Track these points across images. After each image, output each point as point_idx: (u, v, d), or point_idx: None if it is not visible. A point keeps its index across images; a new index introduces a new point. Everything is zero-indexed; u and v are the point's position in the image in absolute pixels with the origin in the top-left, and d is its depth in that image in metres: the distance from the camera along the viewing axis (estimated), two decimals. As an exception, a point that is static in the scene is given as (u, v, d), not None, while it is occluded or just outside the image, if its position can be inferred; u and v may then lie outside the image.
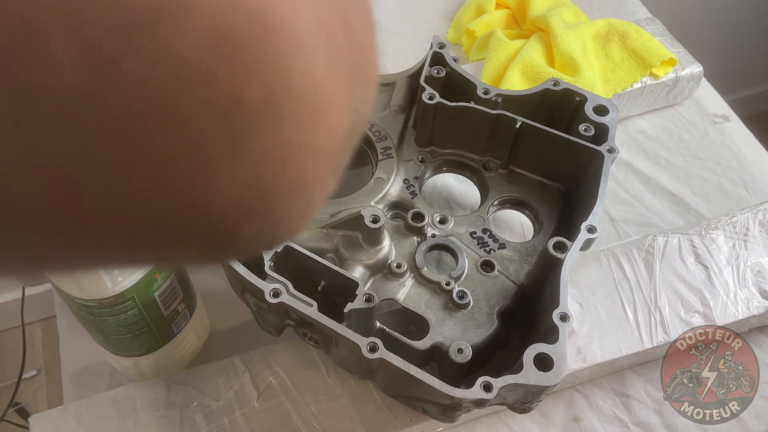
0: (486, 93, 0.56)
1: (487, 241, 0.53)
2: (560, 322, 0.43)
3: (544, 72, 0.71)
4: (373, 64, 0.17)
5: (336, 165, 0.16)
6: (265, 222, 0.15)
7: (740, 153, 0.73)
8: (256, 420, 0.51)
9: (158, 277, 0.46)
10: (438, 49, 0.58)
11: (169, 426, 0.51)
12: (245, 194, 0.14)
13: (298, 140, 0.14)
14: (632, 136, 0.75)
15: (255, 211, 0.14)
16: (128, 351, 0.51)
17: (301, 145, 0.14)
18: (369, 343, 0.42)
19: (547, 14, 0.76)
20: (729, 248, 0.59)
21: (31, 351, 1.45)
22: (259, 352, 0.54)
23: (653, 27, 0.78)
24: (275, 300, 0.44)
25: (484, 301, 0.49)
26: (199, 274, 0.58)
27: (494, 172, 0.57)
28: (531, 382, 0.41)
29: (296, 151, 0.14)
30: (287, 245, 0.47)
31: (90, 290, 0.43)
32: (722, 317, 0.55)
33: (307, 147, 0.14)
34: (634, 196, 0.70)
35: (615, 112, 0.55)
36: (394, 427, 0.50)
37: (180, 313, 0.52)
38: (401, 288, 0.49)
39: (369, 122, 0.59)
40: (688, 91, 0.76)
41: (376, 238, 0.49)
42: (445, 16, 0.89)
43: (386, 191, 0.55)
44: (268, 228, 0.15)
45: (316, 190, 0.16)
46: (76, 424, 0.50)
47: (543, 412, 0.56)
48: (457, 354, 0.44)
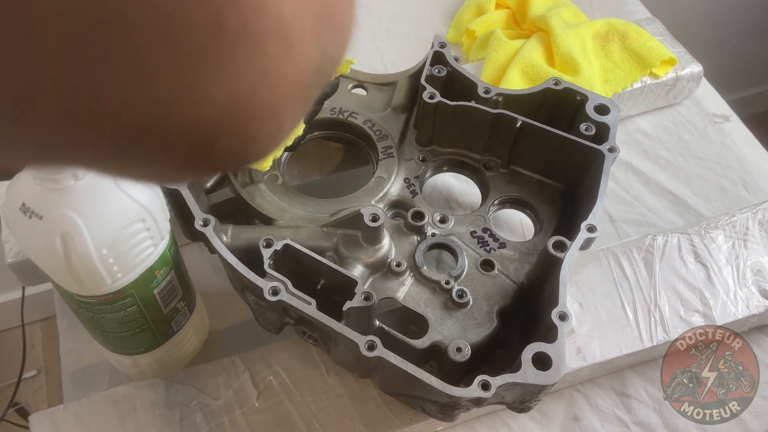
0: (487, 92, 0.56)
1: (487, 241, 0.53)
2: (559, 322, 0.43)
3: (543, 72, 0.71)
4: (343, 10, 0.19)
5: (304, 96, 0.18)
6: (238, 139, 0.17)
7: (740, 153, 0.73)
8: (255, 419, 0.51)
9: (158, 274, 0.46)
10: (439, 49, 0.58)
11: (169, 425, 0.51)
12: (223, 110, 0.16)
13: (269, 67, 0.16)
14: (632, 136, 0.75)
15: (230, 127, 0.17)
16: (128, 349, 0.51)
17: (272, 73, 0.16)
18: (367, 341, 0.42)
19: (547, 14, 0.76)
20: (729, 248, 0.59)
21: (31, 351, 1.45)
22: (259, 352, 0.54)
23: (653, 27, 0.78)
24: (274, 298, 0.44)
25: (484, 300, 0.49)
26: (200, 274, 0.58)
27: (495, 171, 0.57)
28: (529, 381, 0.41)
29: (267, 78, 0.16)
30: (287, 243, 0.47)
31: (89, 287, 0.43)
32: (722, 316, 0.55)
33: (277, 75, 0.16)
34: (634, 196, 0.70)
35: (616, 111, 0.55)
36: (393, 425, 0.50)
37: (180, 311, 0.52)
38: (401, 287, 0.49)
39: (370, 121, 0.59)
40: (688, 91, 0.76)
41: (376, 236, 0.49)
42: (445, 16, 0.89)
43: (387, 190, 0.55)
44: (241, 145, 0.18)
45: (285, 117, 0.18)
46: (75, 424, 0.50)
47: (543, 411, 0.56)
48: (456, 353, 0.44)
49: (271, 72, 0.16)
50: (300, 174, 0.64)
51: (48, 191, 0.39)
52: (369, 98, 0.62)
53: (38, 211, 0.39)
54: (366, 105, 0.61)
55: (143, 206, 0.42)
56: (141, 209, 0.42)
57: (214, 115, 0.16)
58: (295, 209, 0.54)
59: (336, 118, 0.60)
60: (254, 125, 0.17)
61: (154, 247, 0.45)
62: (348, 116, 0.60)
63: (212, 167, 0.19)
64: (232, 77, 0.15)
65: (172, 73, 0.15)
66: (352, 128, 0.60)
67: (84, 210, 0.39)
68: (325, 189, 0.61)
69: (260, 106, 0.17)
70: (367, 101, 0.61)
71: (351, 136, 0.60)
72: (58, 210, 0.39)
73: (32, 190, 0.39)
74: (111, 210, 0.41)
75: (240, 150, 0.18)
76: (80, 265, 0.41)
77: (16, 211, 0.40)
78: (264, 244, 0.47)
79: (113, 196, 0.41)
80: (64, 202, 0.39)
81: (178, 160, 0.17)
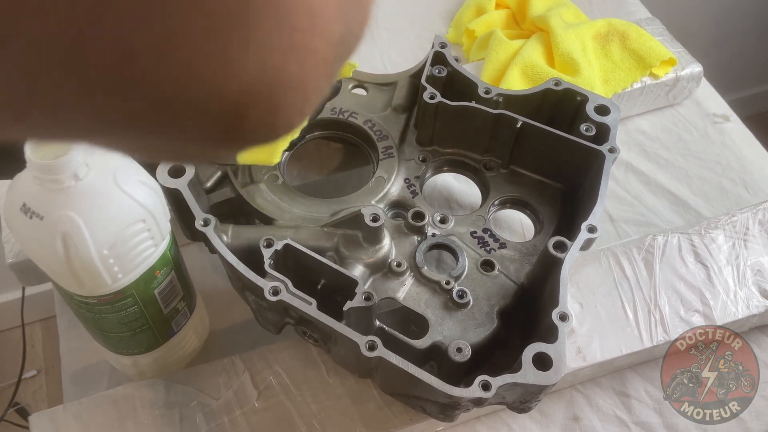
0: (487, 92, 0.56)
1: (487, 241, 0.53)
2: (559, 322, 0.43)
3: (543, 72, 0.71)
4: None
5: (330, 71, 0.19)
6: (269, 110, 0.18)
7: (740, 153, 0.73)
8: (255, 419, 0.51)
9: (158, 275, 0.46)
10: (439, 49, 0.58)
11: (169, 425, 0.51)
12: (254, 82, 0.17)
13: (297, 40, 0.16)
14: (632, 136, 0.75)
15: (261, 97, 0.17)
16: (128, 349, 0.51)
17: (300, 46, 0.17)
18: (368, 341, 0.42)
19: (547, 14, 0.77)
20: (729, 248, 0.59)
21: (31, 351, 1.45)
22: (259, 352, 0.54)
23: (653, 27, 0.78)
24: (275, 298, 0.44)
25: (484, 300, 0.49)
26: (200, 274, 0.58)
27: (495, 171, 0.58)
28: (530, 381, 0.41)
29: (296, 51, 0.17)
30: (287, 243, 0.47)
31: (89, 287, 0.43)
32: (722, 316, 0.55)
33: (306, 48, 0.17)
34: (634, 196, 0.70)
35: (616, 111, 0.55)
36: (393, 426, 0.50)
37: (180, 311, 0.52)
38: (401, 287, 0.49)
39: (370, 121, 0.59)
40: (688, 91, 0.76)
41: (376, 236, 0.49)
42: (445, 16, 0.89)
43: (387, 190, 0.55)
44: (271, 117, 0.18)
45: (312, 90, 0.18)
46: (75, 424, 0.50)
47: (543, 411, 0.56)
48: (457, 353, 0.44)
49: (300, 45, 0.17)
50: (300, 174, 0.64)
51: (49, 191, 0.39)
52: (369, 98, 0.62)
53: (39, 211, 0.39)
54: (366, 105, 0.61)
55: (144, 206, 0.42)
56: (142, 209, 0.42)
57: (245, 86, 0.16)
58: (296, 209, 0.54)
59: (336, 118, 0.60)
60: (284, 97, 0.18)
61: (154, 247, 0.45)
62: (348, 116, 0.60)
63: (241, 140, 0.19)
64: (261, 48, 0.16)
65: (203, 38, 0.15)
66: (352, 128, 0.60)
67: (84, 210, 0.39)
68: (326, 189, 0.61)
69: (289, 78, 0.17)
70: (368, 101, 0.61)
71: (351, 136, 0.60)
72: (59, 210, 0.39)
73: (33, 191, 0.39)
74: (112, 210, 0.41)
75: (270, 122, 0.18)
76: (81, 265, 0.41)
77: (16, 212, 0.40)
78: (264, 244, 0.47)
79: (114, 196, 0.41)
80: (64, 202, 0.39)
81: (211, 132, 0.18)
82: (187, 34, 0.15)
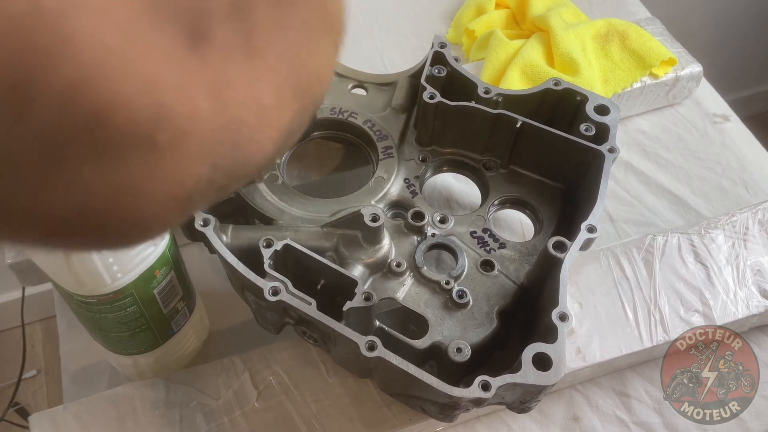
0: (487, 92, 0.56)
1: (487, 241, 0.53)
2: (559, 322, 0.43)
3: (543, 72, 0.71)
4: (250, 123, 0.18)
5: (180, 207, 0.18)
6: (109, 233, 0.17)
7: (740, 153, 0.73)
8: (255, 419, 0.51)
9: (158, 274, 0.46)
10: (439, 49, 0.58)
11: (169, 425, 0.51)
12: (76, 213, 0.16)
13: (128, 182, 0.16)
14: (632, 136, 0.75)
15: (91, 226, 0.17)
16: (128, 349, 0.51)
17: (133, 187, 0.16)
18: (367, 341, 0.42)
19: (547, 14, 0.77)
20: (729, 247, 0.59)
21: (31, 351, 1.45)
22: (259, 352, 0.54)
23: (653, 27, 0.78)
24: (274, 298, 0.44)
25: (484, 300, 0.49)
26: (200, 274, 0.58)
27: (495, 171, 0.57)
28: (529, 381, 0.41)
29: (125, 192, 0.16)
30: (287, 243, 0.47)
31: (89, 286, 0.43)
32: (722, 316, 0.55)
33: (141, 189, 0.16)
34: (634, 196, 0.70)
35: (616, 111, 0.55)
36: (393, 426, 0.50)
37: (179, 311, 0.52)
38: (401, 287, 0.49)
39: (370, 121, 0.59)
40: (688, 91, 0.76)
41: (376, 236, 0.49)
42: (445, 16, 0.89)
43: (387, 190, 0.55)
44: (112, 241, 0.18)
45: (155, 223, 0.18)
46: (75, 424, 0.50)
47: (543, 411, 0.56)
48: (456, 353, 0.44)
49: (132, 186, 0.16)
50: (300, 174, 0.64)
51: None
52: (369, 98, 0.62)
53: (38, 211, 0.39)
54: (366, 105, 0.61)
55: (143, 206, 0.42)
56: (141, 209, 0.42)
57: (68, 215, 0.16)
58: (295, 209, 0.54)
59: (336, 118, 0.60)
60: (116, 228, 0.17)
61: (154, 247, 0.45)
62: (348, 116, 0.60)
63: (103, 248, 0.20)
64: (74, 188, 0.15)
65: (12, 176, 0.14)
66: (352, 128, 0.60)
67: (84, 210, 0.39)
68: (325, 189, 0.61)
69: (118, 215, 0.16)
70: (367, 101, 0.61)
71: (351, 136, 0.60)
72: (58, 210, 0.39)
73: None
74: (111, 210, 0.41)
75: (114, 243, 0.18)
76: (80, 264, 0.41)
77: (16, 212, 0.40)
78: (264, 244, 0.47)
79: (113, 196, 0.41)
80: (64, 202, 0.39)
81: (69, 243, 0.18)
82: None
